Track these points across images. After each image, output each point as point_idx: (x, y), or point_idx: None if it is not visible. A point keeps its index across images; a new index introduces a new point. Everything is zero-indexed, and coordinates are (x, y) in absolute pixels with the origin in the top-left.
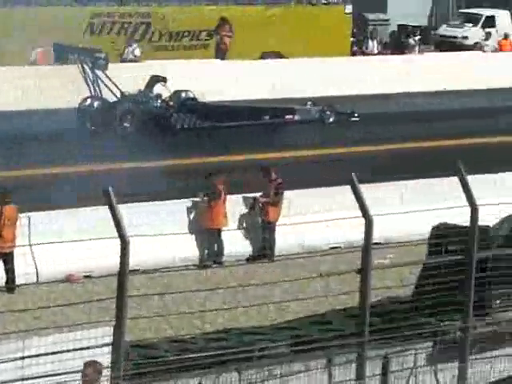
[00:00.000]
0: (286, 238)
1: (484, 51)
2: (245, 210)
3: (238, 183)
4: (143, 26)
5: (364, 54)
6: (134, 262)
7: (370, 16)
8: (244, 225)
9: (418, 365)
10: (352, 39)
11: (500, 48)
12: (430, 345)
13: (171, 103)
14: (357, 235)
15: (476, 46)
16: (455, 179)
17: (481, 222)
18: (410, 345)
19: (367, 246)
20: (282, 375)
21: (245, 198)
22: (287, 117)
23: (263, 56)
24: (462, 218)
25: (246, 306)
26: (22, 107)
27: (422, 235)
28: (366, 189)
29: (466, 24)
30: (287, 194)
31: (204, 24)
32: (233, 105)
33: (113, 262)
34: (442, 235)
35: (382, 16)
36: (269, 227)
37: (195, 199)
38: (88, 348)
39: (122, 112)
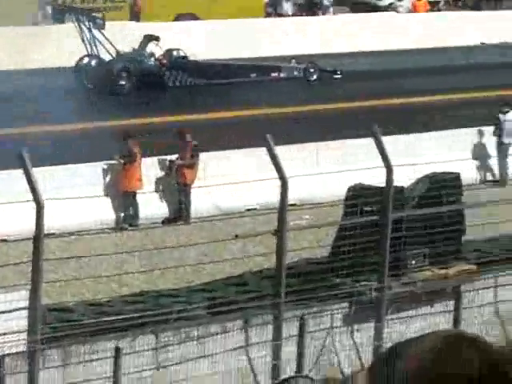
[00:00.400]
0: (202, 201)
1: (398, 12)
2: (161, 173)
3: (155, 146)
4: None
5: (279, 15)
6: (49, 225)
7: None
8: (160, 187)
9: (334, 325)
10: (266, 0)
11: (414, 9)
12: (347, 305)
13: (164, 61)
14: (273, 197)
15: (390, 7)
16: (371, 141)
17: (396, 183)
18: (327, 306)
19: (283, 207)
20: (199, 337)
21: (161, 161)
22: (273, 74)
23: (178, 17)
24: (377, 180)
25: (163, 268)
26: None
27: (337, 196)
28: (281, 150)
29: None
30: (203, 156)
31: None
32: (222, 63)
33: (28, 225)
34: (358, 196)
35: None
36: (185, 190)
37: (110, 162)
38: (4, 312)
39: (119, 70)
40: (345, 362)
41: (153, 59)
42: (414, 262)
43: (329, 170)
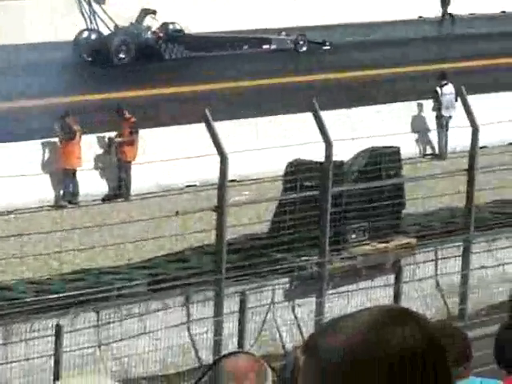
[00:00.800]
0: (142, 177)
1: None
2: (100, 150)
3: (94, 123)
4: None
5: None
6: None
7: None
8: (100, 165)
9: (275, 301)
10: None
11: None
12: (287, 280)
13: (160, 34)
14: (213, 173)
15: None
16: (310, 115)
17: (336, 158)
18: (268, 281)
19: (222, 183)
20: (141, 314)
21: (100, 138)
22: (264, 46)
23: None
24: (317, 154)
25: (103, 245)
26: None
27: (277, 172)
28: (220, 125)
29: None
30: (143, 132)
31: None
32: (216, 35)
33: None
34: (297, 171)
35: None
36: (125, 166)
37: (49, 140)
38: None
39: (118, 44)
40: (286, 337)
41: (149, 32)
42: (354, 236)
43: (269, 146)
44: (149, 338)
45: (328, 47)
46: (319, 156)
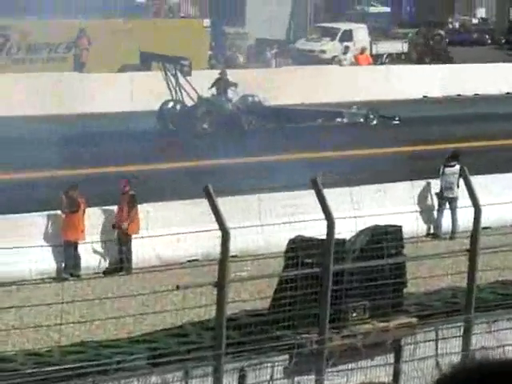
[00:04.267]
0: (143, 251)
1: (342, 65)
2: (102, 223)
3: (97, 195)
4: (1, 39)
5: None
6: None
7: (228, 29)
8: (101, 237)
9: (274, 377)
10: (210, 53)
11: (357, 62)
12: (287, 357)
13: (240, 106)
14: (214, 248)
15: (334, 60)
16: (312, 192)
17: (337, 235)
18: (267, 357)
19: (224, 258)
20: None
21: (103, 211)
22: (337, 120)
23: (123, 68)
24: (318, 231)
25: (103, 318)
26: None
27: (278, 248)
28: (223, 201)
29: (324, 38)
30: (145, 206)
31: (62, 37)
32: (292, 108)
33: None
34: (299, 248)
35: (240, 30)
36: (126, 240)
37: (53, 212)
38: None
39: (202, 114)
40: None
41: (230, 104)
42: (354, 314)
43: (270, 222)
44: None
45: (398, 121)
46: (322, 233)
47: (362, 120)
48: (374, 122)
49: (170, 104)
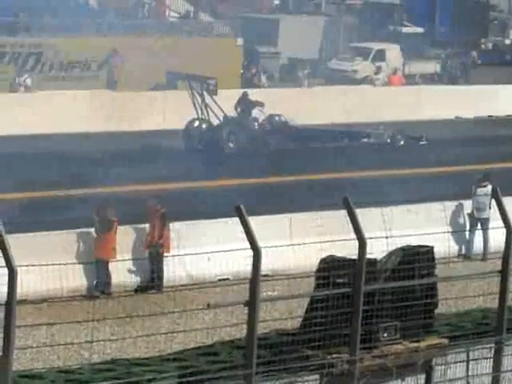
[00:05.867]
0: (174, 269)
1: (374, 85)
2: (133, 241)
3: (129, 213)
4: (34, 57)
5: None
6: (21, 291)
7: (261, 49)
8: (133, 255)
9: None
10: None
11: (390, 82)
12: (317, 377)
13: (266, 126)
14: (245, 267)
15: (366, 80)
16: (344, 212)
17: (369, 255)
18: (298, 377)
19: (255, 277)
20: None
21: (134, 229)
22: (363, 140)
23: (156, 87)
24: (350, 251)
25: (134, 336)
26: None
27: (310, 267)
28: (255, 221)
29: (357, 58)
30: (177, 225)
31: (95, 55)
32: (319, 128)
33: (1, 291)
34: (330, 268)
35: (272, 49)
36: (157, 258)
37: (84, 230)
38: None
39: (228, 133)
40: None
41: (256, 123)
42: (385, 334)
43: (301, 241)
44: None
45: (425, 142)
46: (353, 253)
47: (388, 140)
48: (401, 143)
49: (196, 123)
